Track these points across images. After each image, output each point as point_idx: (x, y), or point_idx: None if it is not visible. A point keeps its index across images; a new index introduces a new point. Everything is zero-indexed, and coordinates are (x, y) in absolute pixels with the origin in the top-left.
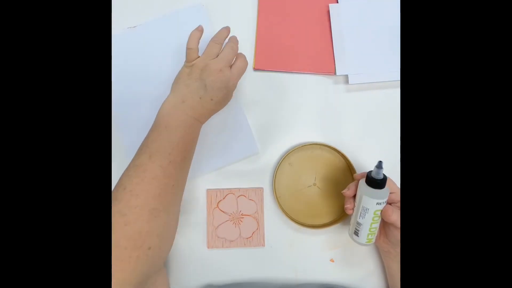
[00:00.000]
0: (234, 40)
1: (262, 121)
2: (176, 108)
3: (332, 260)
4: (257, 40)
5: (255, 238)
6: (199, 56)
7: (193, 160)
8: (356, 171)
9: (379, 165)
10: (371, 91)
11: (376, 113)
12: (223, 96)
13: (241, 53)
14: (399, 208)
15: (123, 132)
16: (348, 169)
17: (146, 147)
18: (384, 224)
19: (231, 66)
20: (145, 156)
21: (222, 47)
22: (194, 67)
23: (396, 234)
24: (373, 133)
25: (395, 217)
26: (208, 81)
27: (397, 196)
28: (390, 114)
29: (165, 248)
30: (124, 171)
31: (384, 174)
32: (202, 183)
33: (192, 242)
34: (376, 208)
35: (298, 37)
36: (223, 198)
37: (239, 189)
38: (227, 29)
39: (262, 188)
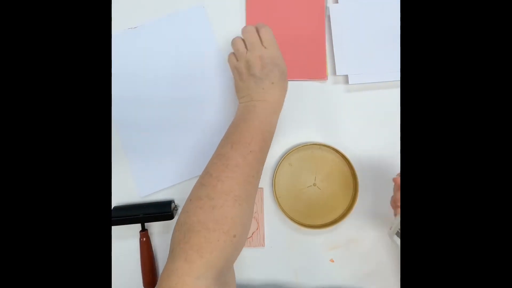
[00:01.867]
0: (245, 28)
1: None
2: (249, 105)
3: (332, 260)
4: None
5: (255, 238)
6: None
7: (192, 160)
8: (356, 171)
9: None
10: (371, 91)
11: (376, 113)
12: (279, 73)
13: (260, 24)
14: None
15: (122, 132)
16: (348, 169)
17: (228, 139)
18: None
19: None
20: (227, 146)
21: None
22: (239, 69)
23: None
24: (373, 133)
25: None
26: (258, 72)
27: None
28: (390, 114)
29: (244, 239)
30: (209, 161)
31: None
32: None
33: None
34: None
35: (293, 41)
36: None
37: None
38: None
39: (262, 188)
